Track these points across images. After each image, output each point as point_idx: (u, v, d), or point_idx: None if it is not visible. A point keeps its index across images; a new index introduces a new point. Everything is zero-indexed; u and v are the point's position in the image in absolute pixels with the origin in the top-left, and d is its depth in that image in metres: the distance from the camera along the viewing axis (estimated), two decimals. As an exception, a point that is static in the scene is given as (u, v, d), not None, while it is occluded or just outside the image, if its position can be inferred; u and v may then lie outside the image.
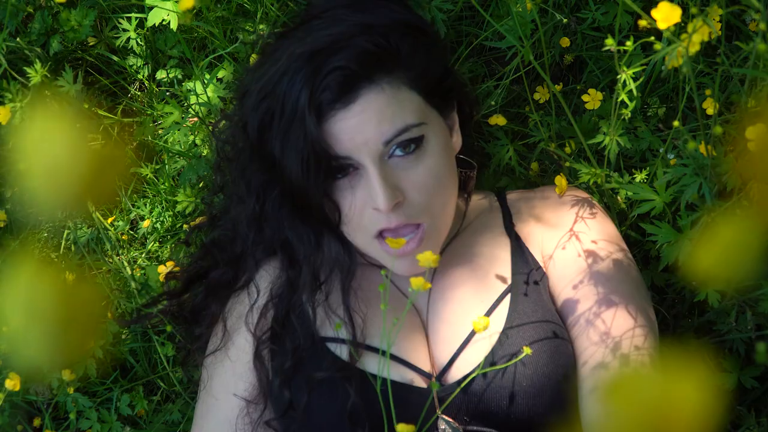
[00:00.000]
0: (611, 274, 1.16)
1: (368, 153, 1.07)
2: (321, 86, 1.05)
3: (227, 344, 1.20)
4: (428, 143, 1.10)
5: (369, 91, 1.06)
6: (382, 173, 1.07)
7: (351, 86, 1.05)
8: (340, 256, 1.15)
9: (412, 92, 1.09)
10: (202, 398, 1.21)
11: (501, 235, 1.22)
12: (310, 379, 1.12)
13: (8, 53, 1.53)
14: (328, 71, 1.05)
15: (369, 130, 1.06)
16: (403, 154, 1.08)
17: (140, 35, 1.55)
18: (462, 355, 1.12)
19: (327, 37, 1.07)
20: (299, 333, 1.15)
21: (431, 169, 1.10)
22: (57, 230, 1.54)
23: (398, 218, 1.09)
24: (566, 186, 1.25)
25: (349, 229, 1.14)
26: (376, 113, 1.06)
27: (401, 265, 1.13)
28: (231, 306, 1.24)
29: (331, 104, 1.05)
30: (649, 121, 1.38)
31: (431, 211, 1.11)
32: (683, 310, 1.37)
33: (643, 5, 1.23)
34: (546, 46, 1.38)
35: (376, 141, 1.06)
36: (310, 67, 1.05)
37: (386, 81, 1.07)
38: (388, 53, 1.07)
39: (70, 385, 1.41)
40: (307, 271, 1.16)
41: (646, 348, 1.10)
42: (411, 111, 1.08)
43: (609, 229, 1.22)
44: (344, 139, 1.06)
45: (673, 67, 0.96)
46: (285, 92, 1.07)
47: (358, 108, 1.06)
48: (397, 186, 1.08)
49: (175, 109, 1.49)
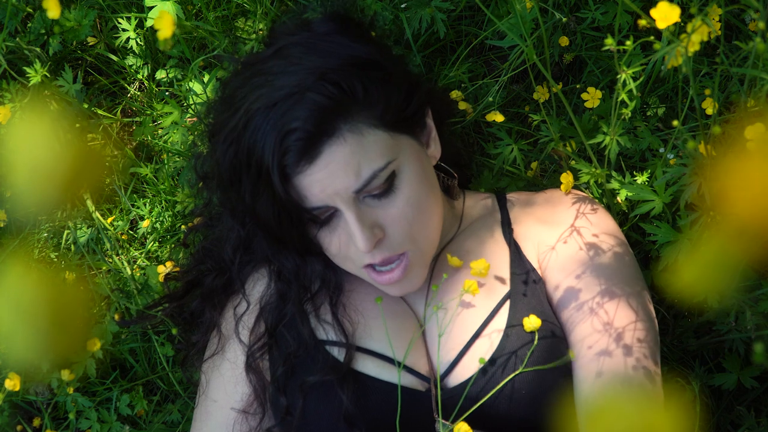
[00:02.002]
0: (612, 268, 1.16)
1: (341, 200, 1.06)
2: (282, 149, 1.03)
3: (224, 349, 1.22)
4: (401, 176, 1.09)
5: (331, 145, 1.04)
6: (358, 216, 1.06)
7: (311, 146, 1.04)
8: (325, 275, 1.17)
9: (377, 131, 1.07)
10: (200, 402, 1.22)
11: (499, 237, 1.22)
12: (303, 383, 1.12)
13: (8, 53, 1.53)
14: (286, 132, 1.03)
15: (337, 182, 1.05)
16: (377, 194, 1.08)
17: (140, 35, 1.55)
18: (464, 359, 1.12)
19: (281, 90, 1.04)
20: (290, 341, 1.16)
21: (408, 200, 1.09)
22: (57, 230, 1.54)
23: (381, 254, 1.09)
24: (572, 182, 1.25)
25: (336, 260, 1.14)
26: (342, 165, 1.04)
27: (392, 290, 1.14)
28: (226, 312, 1.25)
29: (295, 164, 1.04)
30: (648, 120, 1.38)
31: (414, 238, 1.11)
32: (683, 310, 1.37)
33: (643, 5, 1.23)
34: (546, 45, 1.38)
35: (346, 190, 1.06)
36: (267, 124, 1.04)
37: (347, 129, 1.04)
38: (343, 102, 1.04)
39: (69, 385, 1.41)
40: (295, 284, 1.18)
41: (647, 342, 1.11)
42: (377, 153, 1.06)
43: (609, 224, 1.22)
44: (315, 192, 1.06)
45: (672, 66, 0.95)
46: (248, 147, 1.06)
47: (323, 163, 1.04)
48: (375, 224, 1.08)
49: (174, 109, 1.49)
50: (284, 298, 1.19)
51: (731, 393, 1.35)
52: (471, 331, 1.13)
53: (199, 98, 1.46)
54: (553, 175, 1.42)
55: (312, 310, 1.17)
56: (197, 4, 1.52)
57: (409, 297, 1.20)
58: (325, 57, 1.06)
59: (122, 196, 1.54)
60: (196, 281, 1.30)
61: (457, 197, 1.27)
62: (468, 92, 1.46)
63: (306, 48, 1.08)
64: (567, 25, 1.41)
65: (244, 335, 1.20)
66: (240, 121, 1.07)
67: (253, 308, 1.21)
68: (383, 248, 1.09)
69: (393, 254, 1.10)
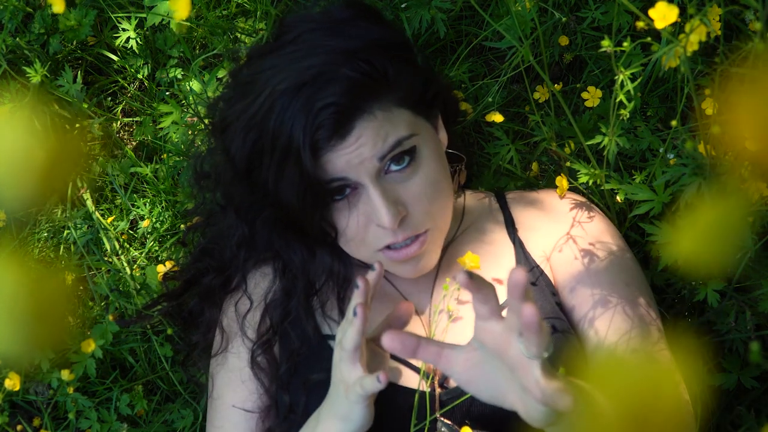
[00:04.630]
0: (619, 267, 1.18)
1: (365, 172, 1.06)
2: (315, 125, 1.03)
3: (227, 349, 1.22)
4: (421, 152, 1.09)
5: (362, 120, 1.04)
6: (382, 190, 1.06)
7: (345, 121, 1.04)
8: (334, 267, 1.16)
9: (402, 109, 1.08)
10: (210, 404, 1.23)
11: (503, 236, 1.23)
12: (307, 381, 1.12)
13: (8, 53, 1.53)
14: (320, 108, 1.02)
15: (365, 152, 1.05)
16: (398, 168, 1.08)
17: (140, 35, 1.55)
18: None
19: (310, 69, 1.04)
20: (294, 338, 1.16)
21: (428, 177, 1.10)
22: (56, 230, 1.54)
23: (404, 232, 1.09)
24: (567, 186, 1.26)
25: (350, 246, 1.13)
26: (371, 138, 1.05)
27: (406, 268, 1.13)
28: (228, 310, 1.24)
29: (327, 139, 1.04)
30: (648, 120, 1.38)
31: (433, 216, 1.11)
32: (683, 310, 1.37)
33: (643, 5, 1.22)
34: (545, 45, 1.38)
35: (371, 159, 1.06)
36: (297, 103, 1.03)
37: (377, 107, 1.05)
38: (375, 79, 1.05)
39: (69, 384, 1.41)
40: (301, 280, 1.17)
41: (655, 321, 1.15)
42: (402, 126, 1.07)
43: (610, 226, 1.24)
44: (340, 164, 1.05)
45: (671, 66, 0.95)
46: (274, 129, 1.05)
47: (353, 138, 1.04)
48: (398, 200, 1.08)
49: (174, 109, 1.49)
50: (289, 294, 1.18)
51: (731, 393, 1.35)
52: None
53: (200, 98, 1.46)
54: (553, 175, 1.42)
55: (318, 306, 1.17)
56: (197, 4, 1.52)
57: (413, 296, 1.20)
58: (350, 40, 1.06)
59: (122, 196, 1.55)
60: (193, 280, 1.30)
61: (457, 195, 1.27)
62: (468, 92, 1.46)
63: (329, 32, 1.08)
64: (567, 24, 1.41)
65: (250, 333, 1.20)
66: (264, 104, 1.06)
67: (257, 305, 1.21)
68: (405, 226, 1.09)
69: (414, 233, 1.10)
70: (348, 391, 1.00)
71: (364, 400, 1.00)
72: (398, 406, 1.09)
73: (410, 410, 1.08)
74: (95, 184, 1.55)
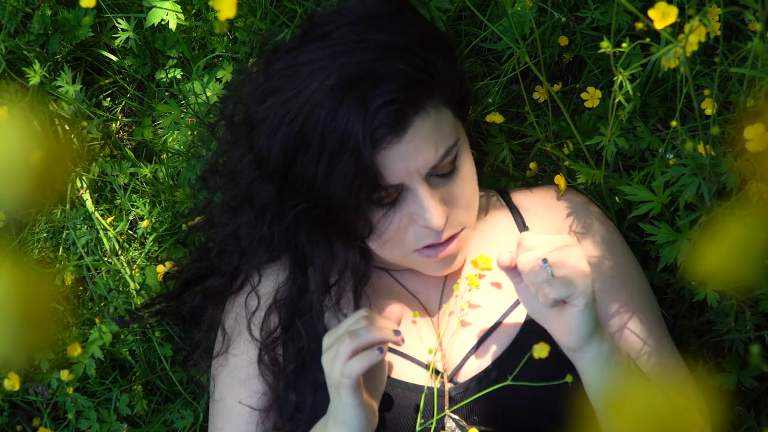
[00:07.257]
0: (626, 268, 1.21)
1: (418, 177, 1.06)
2: (374, 122, 1.01)
3: (229, 349, 1.21)
4: (462, 155, 1.10)
5: (418, 118, 1.04)
6: (431, 193, 1.07)
7: (403, 118, 1.02)
8: (356, 263, 1.15)
9: (446, 109, 1.08)
10: (211, 406, 1.22)
11: (514, 233, 1.23)
12: (315, 380, 1.12)
13: (7, 53, 1.53)
14: (379, 105, 1.00)
15: (420, 157, 1.04)
16: (442, 173, 1.09)
17: (139, 35, 1.55)
18: (474, 355, 1.12)
19: (359, 65, 1.02)
20: (304, 336, 1.15)
21: (466, 179, 1.11)
22: (56, 230, 1.54)
23: (447, 232, 1.10)
24: (565, 186, 1.26)
25: (384, 246, 1.12)
26: (424, 140, 1.04)
27: (439, 266, 1.14)
28: (231, 310, 1.24)
29: (383, 138, 1.02)
30: (648, 120, 1.38)
31: (471, 215, 1.13)
32: (683, 310, 1.37)
33: (642, 5, 1.22)
34: (544, 46, 1.38)
35: (425, 165, 1.05)
36: (351, 100, 1.00)
37: (429, 104, 1.05)
38: (429, 75, 1.04)
39: (69, 385, 1.41)
40: (318, 277, 1.15)
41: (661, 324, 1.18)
42: (449, 131, 1.08)
43: (607, 221, 1.26)
44: (396, 168, 1.04)
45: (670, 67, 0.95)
46: (324, 124, 1.02)
47: (408, 137, 1.03)
48: (442, 202, 1.08)
49: (173, 109, 1.49)
50: (302, 292, 1.17)
51: (731, 393, 1.35)
52: (487, 327, 1.14)
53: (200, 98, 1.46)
54: (552, 175, 1.42)
55: (330, 305, 1.16)
56: (197, 4, 1.51)
57: (422, 294, 1.20)
58: (393, 35, 1.04)
59: (122, 196, 1.55)
60: (193, 280, 1.29)
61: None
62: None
63: (373, 26, 1.05)
64: (566, 24, 1.41)
65: (255, 332, 1.19)
66: (310, 100, 1.02)
67: (264, 304, 1.20)
68: (448, 226, 1.10)
69: (455, 231, 1.11)
70: (338, 389, 1.00)
71: (357, 397, 0.99)
72: (407, 402, 1.09)
73: (417, 408, 1.08)
74: (95, 184, 1.55)
